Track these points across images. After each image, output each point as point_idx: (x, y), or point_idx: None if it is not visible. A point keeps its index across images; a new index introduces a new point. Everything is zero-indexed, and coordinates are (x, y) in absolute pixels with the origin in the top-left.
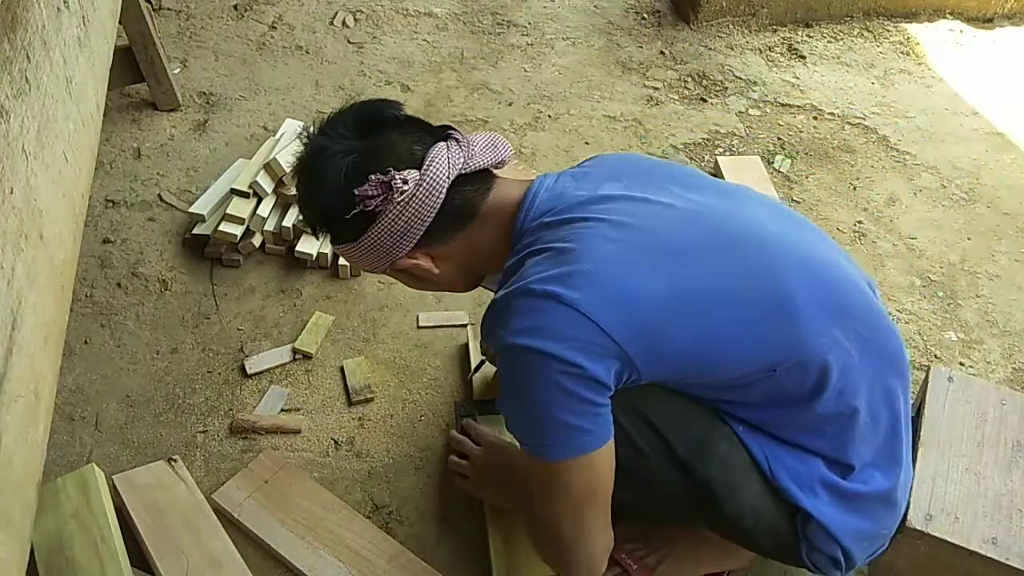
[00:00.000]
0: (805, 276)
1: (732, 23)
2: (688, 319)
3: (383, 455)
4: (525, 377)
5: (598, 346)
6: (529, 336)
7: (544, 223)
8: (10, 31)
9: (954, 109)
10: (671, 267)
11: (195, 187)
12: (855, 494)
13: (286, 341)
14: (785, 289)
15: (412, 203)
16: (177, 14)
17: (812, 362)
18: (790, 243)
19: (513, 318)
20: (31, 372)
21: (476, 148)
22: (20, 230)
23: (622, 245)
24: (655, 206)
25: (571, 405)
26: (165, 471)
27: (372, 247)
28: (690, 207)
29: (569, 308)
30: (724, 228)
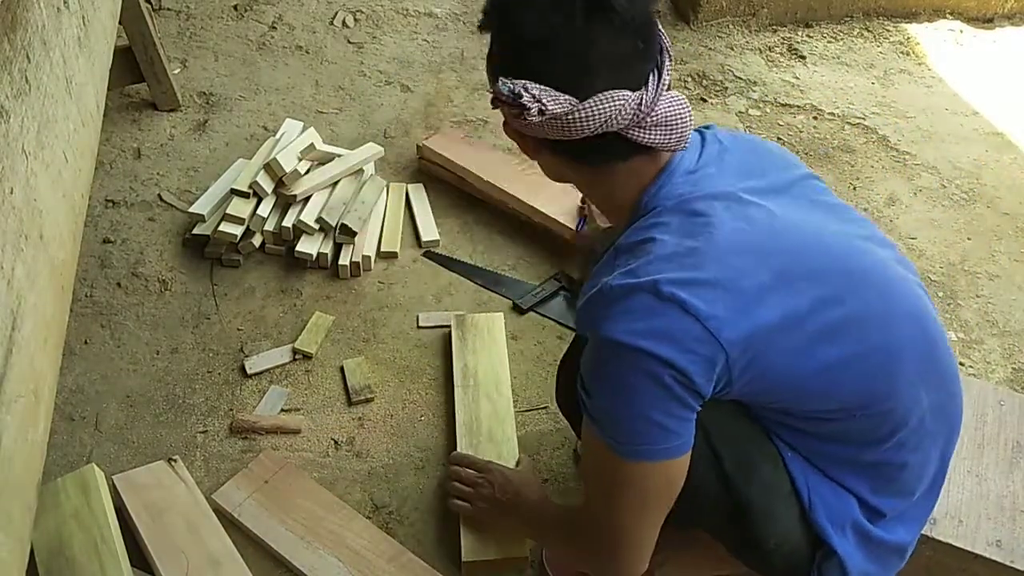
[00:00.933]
0: (915, 330)
1: (732, 23)
2: (799, 349)
3: (383, 455)
4: (631, 375)
5: (712, 363)
6: (645, 338)
7: (678, 208)
8: (10, 31)
9: (954, 109)
10: (795, 292)
11: (195, 187)
12: (878, 540)
13: (286, 341)
14: (896, 338)
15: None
16: (177, 14)
17: (894, 415)
18: (908, 293)
19: (629, 313)
20: (31, 372)
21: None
22: (20, 230)
23: (751, 258)
24: (793, 220)
25: (671, 410)
26: (165, 471)
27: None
28: (828, 230)
29: (692, 318)
30: (854, 260)
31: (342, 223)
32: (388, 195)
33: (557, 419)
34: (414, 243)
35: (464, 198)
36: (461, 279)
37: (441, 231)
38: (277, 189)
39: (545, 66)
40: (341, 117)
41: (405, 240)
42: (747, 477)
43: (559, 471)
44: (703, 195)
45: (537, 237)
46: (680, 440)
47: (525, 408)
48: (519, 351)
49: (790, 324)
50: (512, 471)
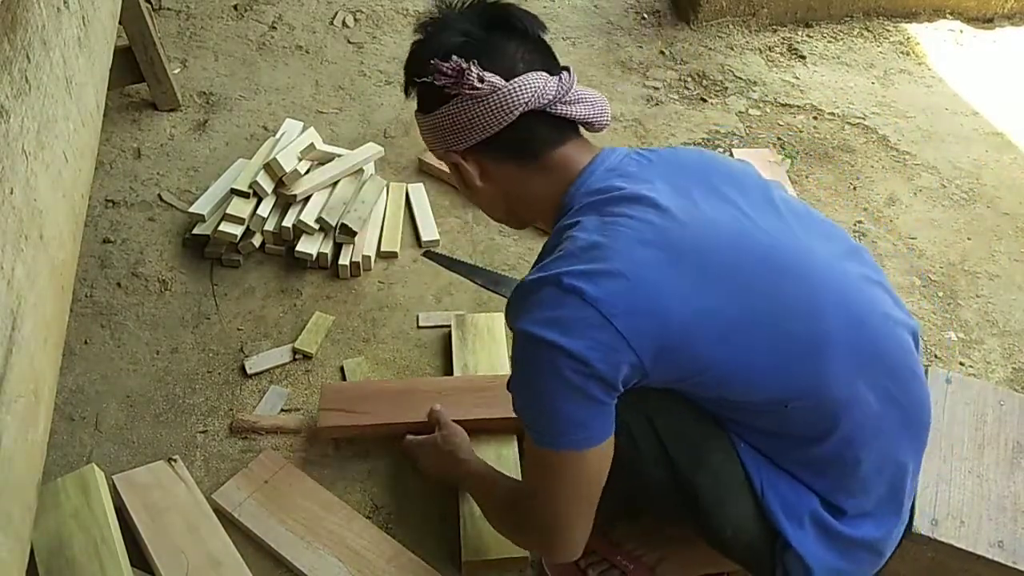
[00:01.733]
0: (846, 320)
1: (732, 23)
2: (713, 340)
3: (383, 455)
4: (537, 366)
5: (612, 349)
6: (547, 327)
7: (591, 204)
8: (10, 31)
9: (954, 109)
10: (707, 285)
11: (195, 187)
12: (842, 536)
13: (286, 341)
14: (821, 330)
15: (480, 105)
16: (177, 14)
17: (827, 407)
18: (838, 280)
19: (536, 306)
20: (31, 372)
21: (573, 95)
22: (20, 230)
23: (660, 253)
24: (706, 214)
25: (577, 400)
26: (165, 471)
27: (435, 126)
28: (742, 223)
29: (591, 307)
30: (773, 252)
31: (342, 223)
32: (388, 195)
33: None
34: (414, 243)
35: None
36: (461, 279)
37: (441, 231)
38: (277, 189)
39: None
40: (341, 117)
41: (405, 240)
42: (694, 466)
43: None
44: (618, 195)
45: (537, 237)
46: (593, 431)
47: None
48: None
49: (700, 313)
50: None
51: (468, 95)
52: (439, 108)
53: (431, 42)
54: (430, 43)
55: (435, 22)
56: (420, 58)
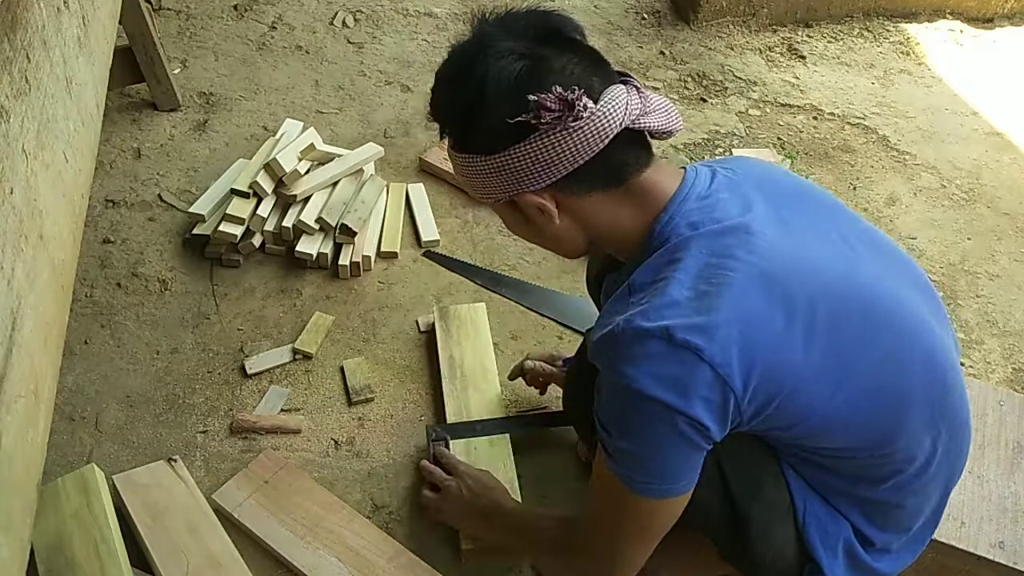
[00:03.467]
0: (928, 376)
1: (732, 23)
2: (814, 392)
3: (383, 455)
4: (646, 421)
5: (723, 407)
6: (659, 386)
7: (689, 239)
8: (10, 31)
9: (954, 109)
10: (814, 335)
11: (195, 187)
12: (866, 567)
13: (286, 341)
14: (909, 383)
15: (573, 135)
16: (177, 14)
17: (896, 457)
18: (925, 336)
19: (644, 360)
20: (31, 372)
21: (652, 105)
22: (20, 230)
23: (770, 304)
24: (810, 251)
25: (685, 454)
26: (165, 471)
27: (504, 168)
28: (844, 265)
29: (707, 366)
30: (874, 302)
31: (342, 223)
32: (388, 195)
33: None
34: (414, 243)
35: (464, 198)
36: (461, 279)
37: (441, 231)
38: (277, 189)
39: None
40: (341, 117)
41: (405, 240)
42: (751, 495)
43: (559, 471)
44: (719, 229)
45: None
46: (688, 480)
47: (525, 409)
48: (519, 351)
49: (802, 366)
50: (478, 471)
51: (569, 127)
52: (512, 147)
53: (487, 73)
54: (486, 75)
55: (480, 48)
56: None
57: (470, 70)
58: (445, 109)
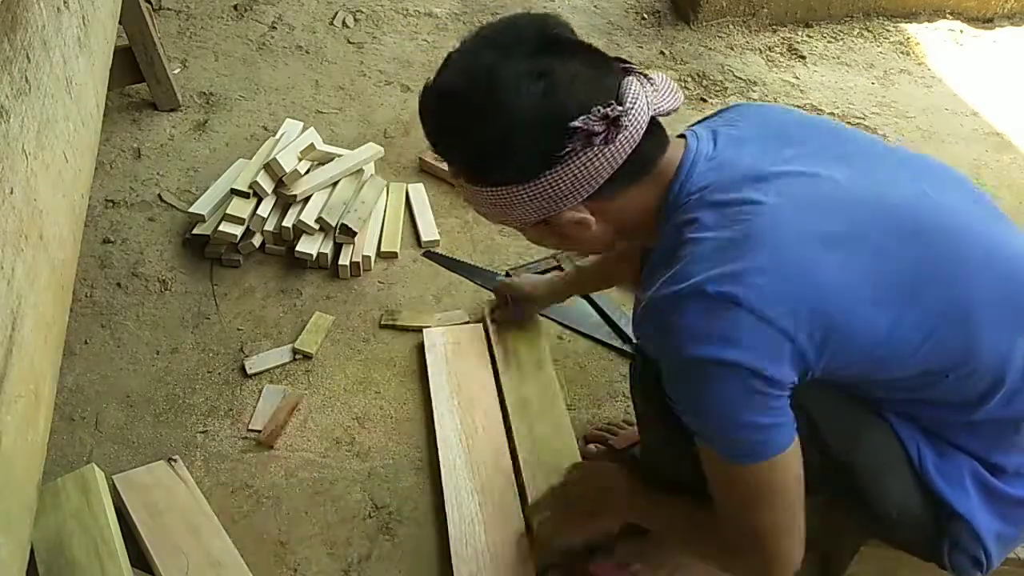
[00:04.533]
0: (992, 275)
1: (732, 23)
2: (869, 318)
3: (383, 455)
4: (711, 389)
5: (780, 351)
6: (709, 346)
7: (706, 200)
8: (10, 31)
9: (954, 109)
10: (854, 259)
11: (195, 187)
12: (1005, 496)
13: (286, 341)
14: (970, 296)
15: (614, 145)
16: (177, 14)
17: (987, 372)
18: (973, 234)
19: (686, 326)
20: (31, 372)
21: (658, 86)
22: (20, 230)
23: (801, 232)
24: (835, 183)
25: (761, 407)
26: (165, 471)
27: (540, 194)
28: (874, 186)
29: (748, 312)
30: (911, 215)
31: (342, 223)
32: (388, 195)
33: None
34: (414, 243)
35: None
36: (461, 279)
37: (441, 231)
38: (277, 189)
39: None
40: (341, 117)
41: (405, 240)
42: (850, 446)
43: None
44: (731, 180)
45: None
46: (780, 430)
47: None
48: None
49: (846, 292)
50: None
51: (596, 142)
52: (548, 172)
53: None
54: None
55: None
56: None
57: (485, 105)
58: (462, 148)
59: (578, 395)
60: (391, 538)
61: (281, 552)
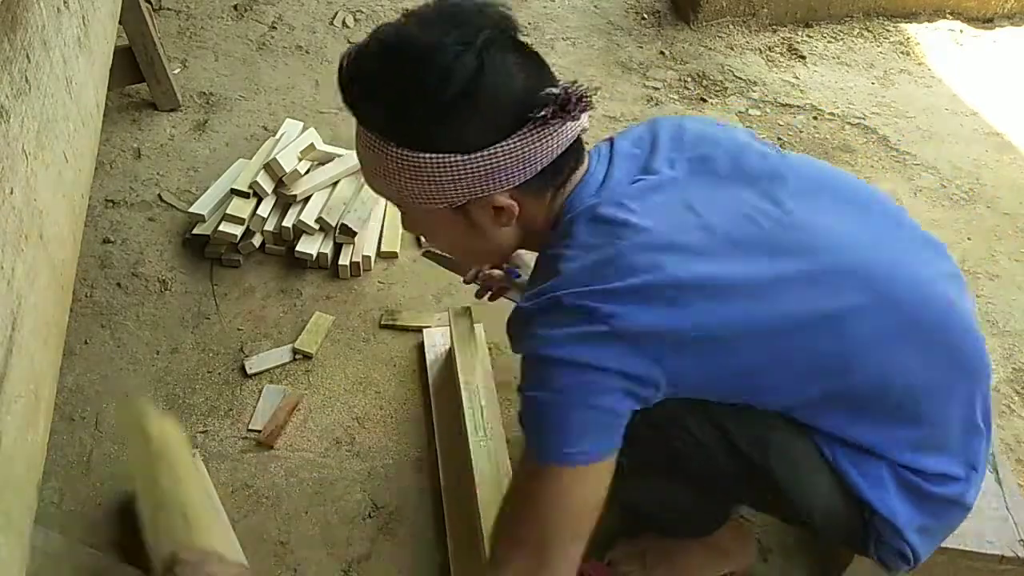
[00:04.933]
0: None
1: (732, 23)
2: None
3: (383, 455)
4: (556, 384)
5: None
6: (561, 346)
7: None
8: (10, 31)
9: (954, 109)
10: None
11: (195, 187)
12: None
13: (286, 341)
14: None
15: (565, 129)
16: (177, 14)
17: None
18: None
19: (546, 329)
20: (31, 372)
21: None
22: (20, 230)
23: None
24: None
25: (594, 413)
26: None
27: (482, 166)
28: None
29: (604, 326)
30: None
31: (342, 223)
32: None
33: None
34: (414, 243)
35: None
36: (461, 279)
37: None
38: (277, 189)
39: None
40: (341, 117)
41: (405, 240)
42: (762, 448)
43: None
44: (614, 195)
45: None
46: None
47: None
48: None
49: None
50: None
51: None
52: (500, 143)
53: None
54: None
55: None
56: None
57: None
58: (410, 103)
59: None
60: (391, 538)
61: (281, 552)
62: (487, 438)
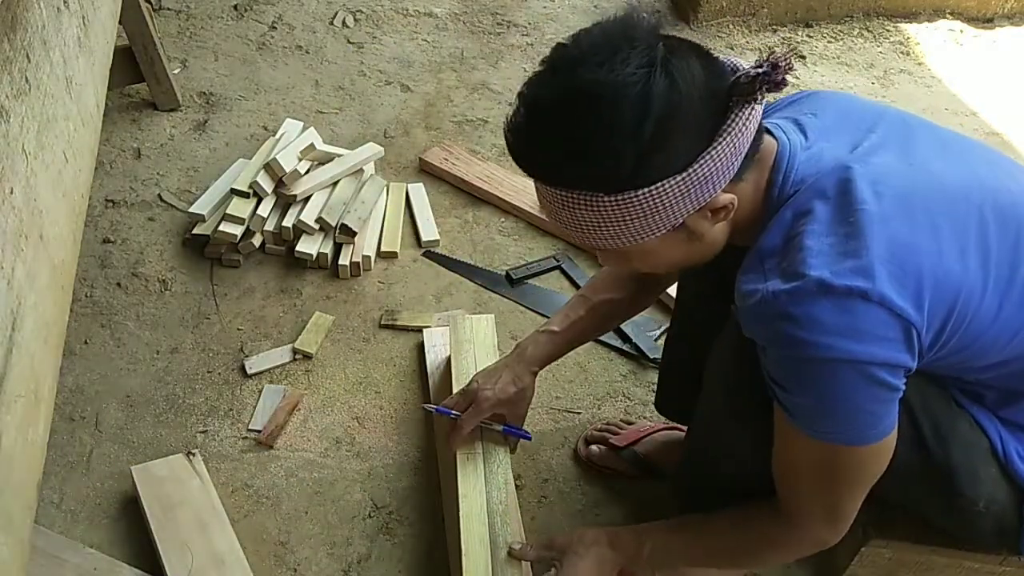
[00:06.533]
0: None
1: (732, 23)
2: (983, 302)
3: (383, 455)
4: (836, 383)
5: (906, 341)
6: (839, 339)
7: (814, 191)
8: (10, 31)
9: (954, 109)
10: (962, 245)
11: (195, 187)
12: None
13: (286, 341)
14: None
15: (758, 106)
16: (177, 14)
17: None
18: None
19: (814, 320)
20: (31, 372)
21: None
22: (20, 230)
23: (912, 223)
24: (927, 168)
25: (880, 398)
26: (182, 465)
27: (702, 175)
28: (965, 173)
29: (877, 306)
30: (1007, 201)
31: (342, 223)
32: (388, 195)
33: (557, 419)
34: (414, 243)
35: (464, 198)
36: (461, 279)
37: (441, 231)
38: (277, 189)
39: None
40: (341, 117)
41: (405, 240)
42: (946, 441)
43: (559, 471)
44: (832, 171)
45: (537, 236)
46: (889, 417)
47: None
48: None
49: (964, 279)
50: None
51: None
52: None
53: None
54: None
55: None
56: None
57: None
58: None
59: (578, 395)
60: (391, 538)
61: (281, 552)
62: (474, 453)
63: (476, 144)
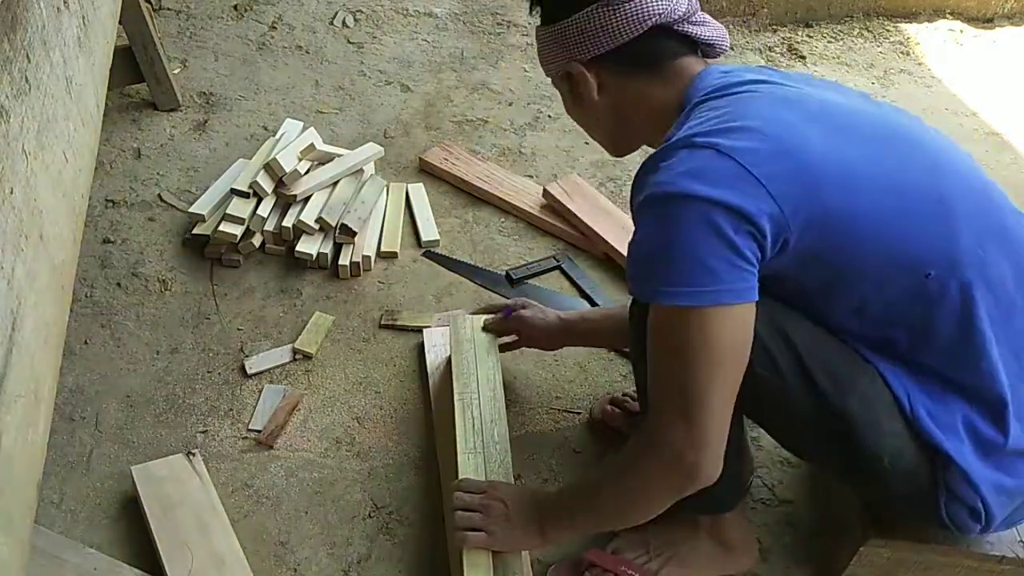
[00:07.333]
0: (966, 189)
1: (732, 23)
2: (847, 190)
3: (383, 455)
4: (675, 219)
5: (755, 196)
6: (685, 180)
7: (711, 95)
8: (10, 31)
9: (954, 109)
10: (836, 139)
11: (195, 187)
12: (1000, 447)
13: (286, 341)
14: (945, 192)
15: (615, 13)
16: (177, 14)
17: (962, 274)
18: (956, 160)
19: (668, 167)
20: (31, 372)
21: (699, 17)
22: (20, 230)
23: (789, 113)
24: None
25: (720, 250)
26: (183, 464)
27: (561, 35)
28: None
29: (728, 158)
30: (891, 125)
31: (342, 223)
32: (388, 195)
33: (557, 419)
34: (414, 243)
35: (464, 198)
36: (461, 279)
37: (441, 231)
38: (277, 189)
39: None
40: (341, 117)
41: (405, 240)
42: (843, 390)
43: (559, 471)
44: (739, 80)
45: (538, 237)
46: (736, 287)
47: (525, 408)
48: (519, 351)
49: (834, 166)
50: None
51: (606, 3)
52: (570, 16)
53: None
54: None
55: None
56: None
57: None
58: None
59: (578, 395)
60: (391, 538)
61: (281, 552)
62: (475, 452)
63: (476, 144)
